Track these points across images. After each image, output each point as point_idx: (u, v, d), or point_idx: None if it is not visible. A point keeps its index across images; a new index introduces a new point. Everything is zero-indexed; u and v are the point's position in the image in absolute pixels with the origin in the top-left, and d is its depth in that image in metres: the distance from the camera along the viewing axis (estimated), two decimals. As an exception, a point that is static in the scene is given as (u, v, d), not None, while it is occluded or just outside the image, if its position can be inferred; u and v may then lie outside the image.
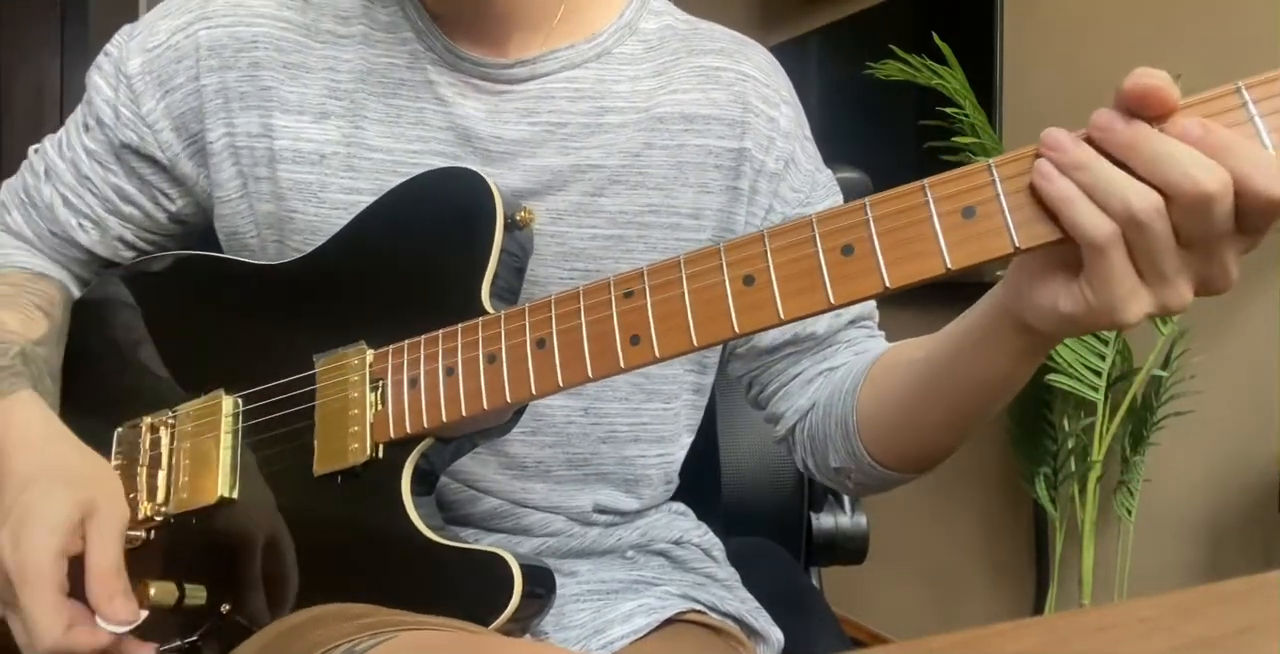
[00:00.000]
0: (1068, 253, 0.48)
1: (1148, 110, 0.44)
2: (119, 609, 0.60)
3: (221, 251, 0.76)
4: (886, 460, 0.69)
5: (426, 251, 0.65)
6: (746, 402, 0.83)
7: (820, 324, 0.75)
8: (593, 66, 0.73)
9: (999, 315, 0.56)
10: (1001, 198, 0.47)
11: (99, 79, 0.75)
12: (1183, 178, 0.43)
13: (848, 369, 0.74)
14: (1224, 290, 0.47)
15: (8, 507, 0.61)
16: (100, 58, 0.75)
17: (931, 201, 0.48)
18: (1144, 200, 0.44)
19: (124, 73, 0.73)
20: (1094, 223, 0.44)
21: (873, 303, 0.78)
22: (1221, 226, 0.44)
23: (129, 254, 0.79)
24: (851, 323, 0.77)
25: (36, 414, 0.67)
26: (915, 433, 0.68)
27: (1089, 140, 0.46)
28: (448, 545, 0.59)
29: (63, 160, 0.76)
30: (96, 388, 0.75)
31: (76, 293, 0.80)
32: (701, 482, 0.95)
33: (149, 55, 0.73)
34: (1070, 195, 0.45)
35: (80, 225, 0.77)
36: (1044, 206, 0.46)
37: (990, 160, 0.48)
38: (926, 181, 0.49)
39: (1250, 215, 0.44)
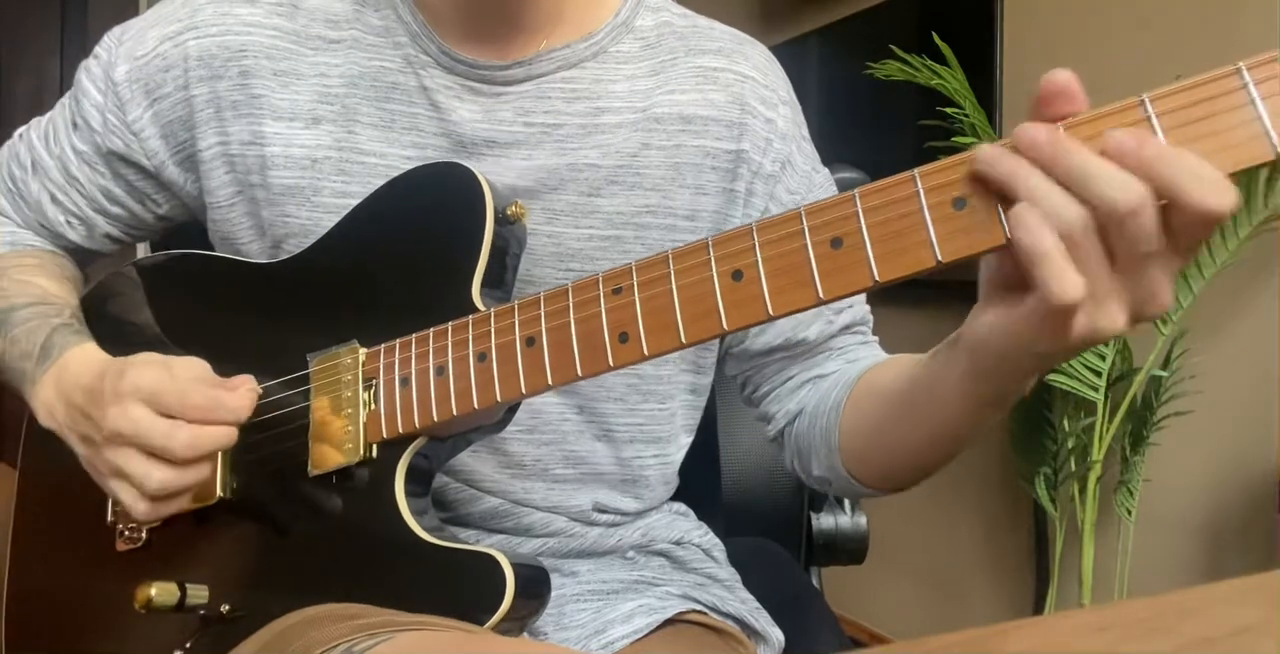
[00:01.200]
0: (1018, 279, 0.46)
1: (1055, 110, 0.44)
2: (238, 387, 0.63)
3: (212, 249, 0.76)
4: (863, 478, 0.71)
5: (417, 248, 0.65)
6: (741, 399, 0.83)
7: (812, 330, 0.75)
8: (589, 66, 0.72)
9: (950, 358, 0.56)
10: None
11: (87, 82, 0.74)
12: (1098, 195, 0.42)
13: (835, 379, 0.74)
14: (1158, 315, 0.45)
15: (95, 390, 0.63)
16: (90, 59, 0.75)
17: (922, 192, 0.47)
18: (1075, 214, 0.43)
19: (112, 79, 0.73)
20: (1038, 231, 0.43)
21: (866, 309, 0.79)
22: (1147, 244, 0.43)
23: (115, 247, 0.81)
24: (845, 329, 0.77)
25: (105, 356, 0.69)
26: (886, 457, 0.69)
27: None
28: (441, 545, 0.59)
29: (50, 156, 0.76)
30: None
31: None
32: (701, 482, 0.95)
33: (136, 63, 0.72)
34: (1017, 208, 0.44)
35: (68, 222, 0.78)
36: None
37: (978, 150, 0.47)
38: (917, 171, 0.47)
39: (1182, 230, 0.43)
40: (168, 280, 0.76)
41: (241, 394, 0.62)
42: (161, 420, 0.60)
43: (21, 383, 0.71)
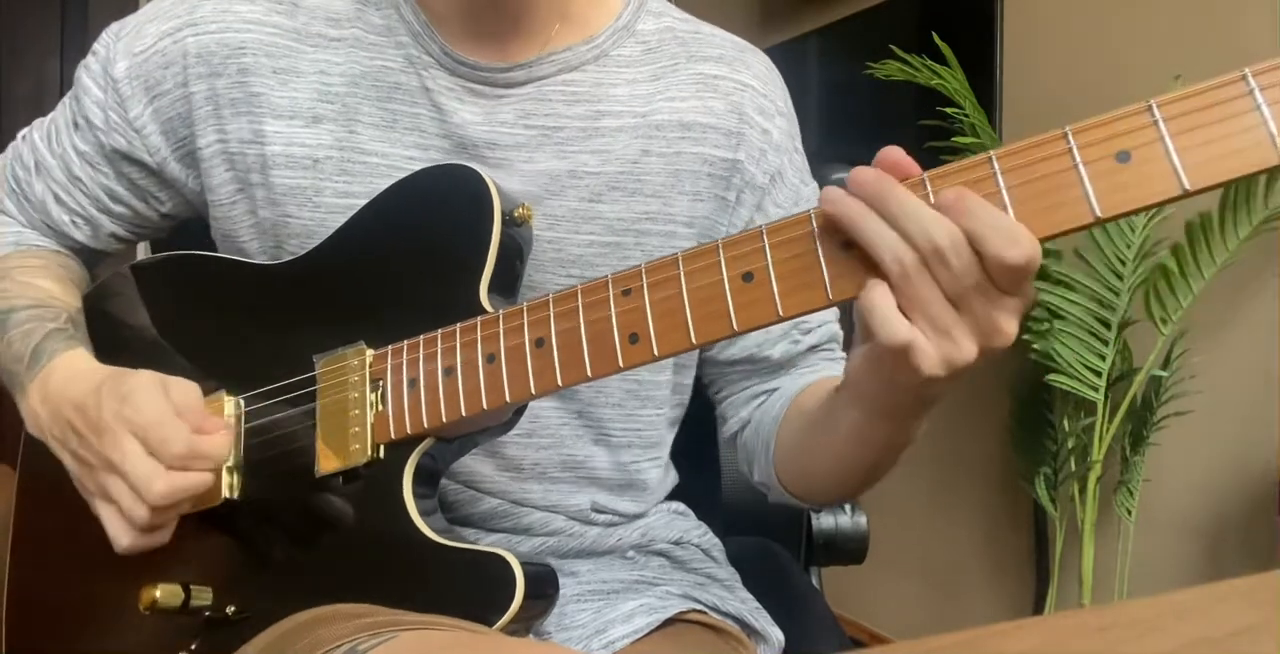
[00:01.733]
0: None
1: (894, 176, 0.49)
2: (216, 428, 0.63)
3: (214, 248, 0.76)
4: (792, 490, 0.74)
5: (424, 250, 0.65)
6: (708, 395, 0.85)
7: (776, 350, 0.77)
8: (590, 69, 0.72)
9: (842, 396, 0.61)
10: (1004, 193, 0.47)
11: (87, 80, 0.74)
12: (917, 231, 0.47)
13: (782, 392, 0.77)
14: (1002, 347, 0.49)
15: (88, 407, 0.63)
16: (89, 57, 0.75)
17: (931, 196, 0.48)
18: (905, 251, 0.48)
19: (111, 76, 0.72)
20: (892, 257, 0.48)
21: (836, 329, 0.81)
22: (967, 279, 0.47)
23: (121, 246, 0.81)
24: (812, 350, 0.79)
25: (94, 365, 0.69)
26: (809, 473, 0.72)
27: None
28: (449, 546, 0.59)
29: (53, 156, 0.76)
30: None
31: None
32: (701, 482, 0.95)
33: (135, 60, 0.72)
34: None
35: (73, 222, 0.78)
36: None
37: (992, 152, 0.48)
38: (927, 174, 0.49)
39: (997, 276, 0.47)
40: (170, 281, 0.76)
41: (217, 440, 0.62)
42: (146, 463, 0.60)
43: (14, 387, 0.71)
